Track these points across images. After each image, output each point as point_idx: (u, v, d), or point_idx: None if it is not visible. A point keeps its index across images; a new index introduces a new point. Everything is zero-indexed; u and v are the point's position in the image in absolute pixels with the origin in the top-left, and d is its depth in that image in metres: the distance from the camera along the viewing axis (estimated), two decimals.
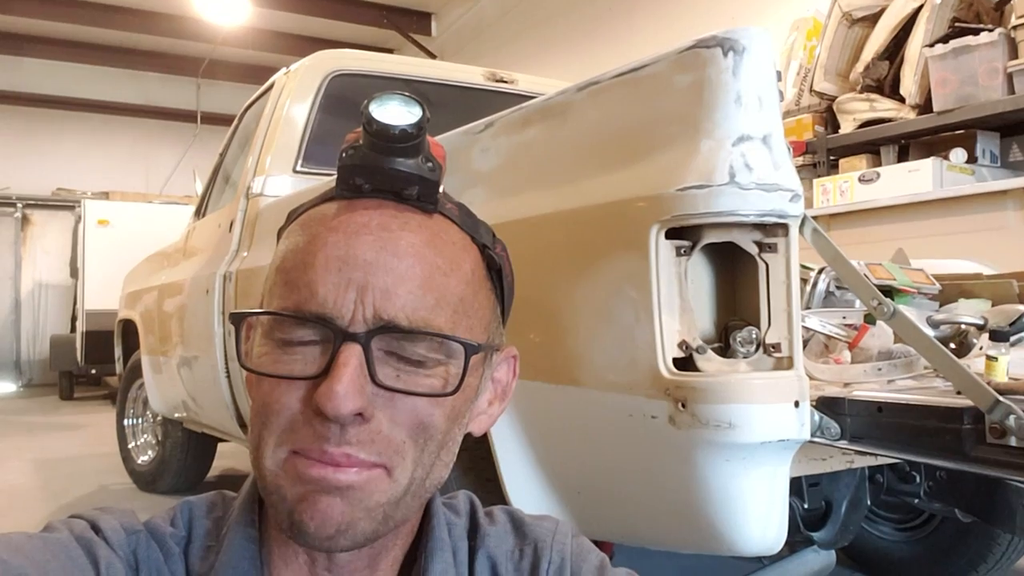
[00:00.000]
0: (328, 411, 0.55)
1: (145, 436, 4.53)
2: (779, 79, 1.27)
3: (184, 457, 4.12)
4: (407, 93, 0.60)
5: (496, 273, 0.67)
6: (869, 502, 1.62)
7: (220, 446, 4.17)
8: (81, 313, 8.25)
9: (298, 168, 2.95)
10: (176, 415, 3.82)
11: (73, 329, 9.13)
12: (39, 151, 10.85)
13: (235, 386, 2.92)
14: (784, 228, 1.21)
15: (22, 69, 10.42)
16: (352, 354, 0.57)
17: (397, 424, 0.59)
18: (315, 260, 0.59)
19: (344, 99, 3.08)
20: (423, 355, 0.60)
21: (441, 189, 0.64)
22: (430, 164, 0.61)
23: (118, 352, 4.84)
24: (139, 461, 4.45)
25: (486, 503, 0.76)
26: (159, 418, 4.26)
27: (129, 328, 4.52)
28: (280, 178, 2.95)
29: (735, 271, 1.27)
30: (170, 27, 9.43)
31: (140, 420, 4.56)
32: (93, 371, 8.43)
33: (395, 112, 0.59)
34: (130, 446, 4.53)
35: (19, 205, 10.47)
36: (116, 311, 4.84)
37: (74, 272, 8.86)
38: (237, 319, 0.62)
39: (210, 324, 2.98)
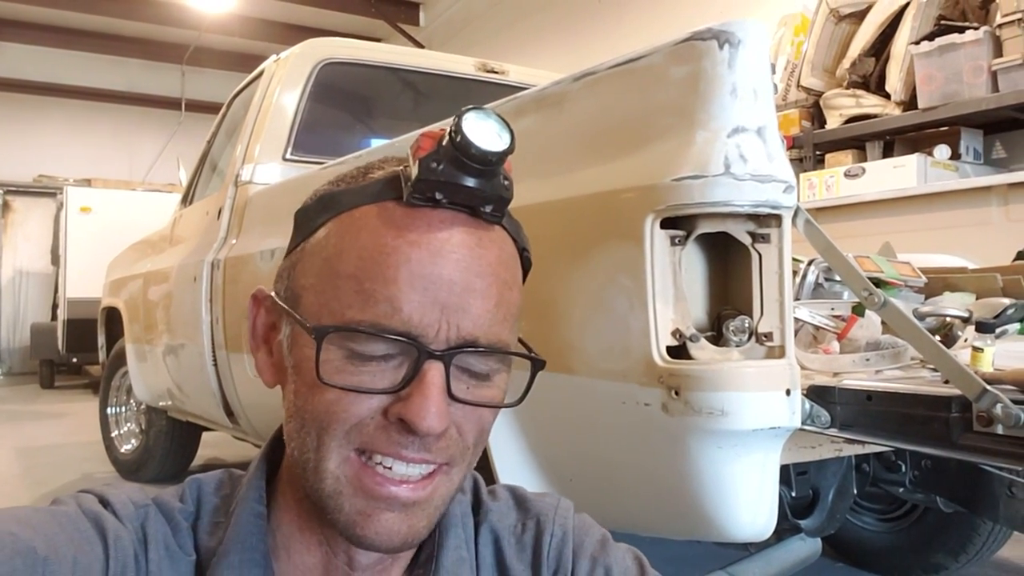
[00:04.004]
0: (422, 430, 0.57)
1: (128, 425, 4.51)
2: (773, 72, 1.28)
3: (168, 446, 4.10)
4: (497, 113, 0.60)
5: (525, 272, 0.69)
6: (855, 491, 1.64)
7: (204, 435, 4.16)
8: (62, 301, 8.18)
9: (288, 156, 2.95)
10: (161, 403, 3.80)
11: (54, 317, 9.06)
12: (21, 137, 10.74)
13: (222, 374, 2.92)
14: (777, 219, 1.23)
15: (4, 54, 10.30)
16: (438, 373, 0.58)
17: (464, 431, 0.62)
18: (398, 276, 0.58)
19: (335, 87, 3.08)
20: (491, 368, 0.62)
21: None
22: (507, 182, 0.62)
23: (101, 340, 4.81)
24: (122, 450, 4.43)
25: None
26: (143, 407, 4.24)
27: (113, 316, 4.50)
28: (269, 166, 2.94)
29: (728, 261, 1.29)
30: (155, 13, 9.35)
31: (123, 408, 4.53)
32: (74, 359, 8.35)
33: (489, 135, 0.59)
34: (113, 435, 4.51)
35: (0, 192, 10.37)
36: (98, 299, 4.80)
37: (55, 259, 8.78)
38: (321, 334, 0.59)
39: (197, 312, 2.97)
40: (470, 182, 0.59)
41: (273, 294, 0.67)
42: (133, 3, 9.27)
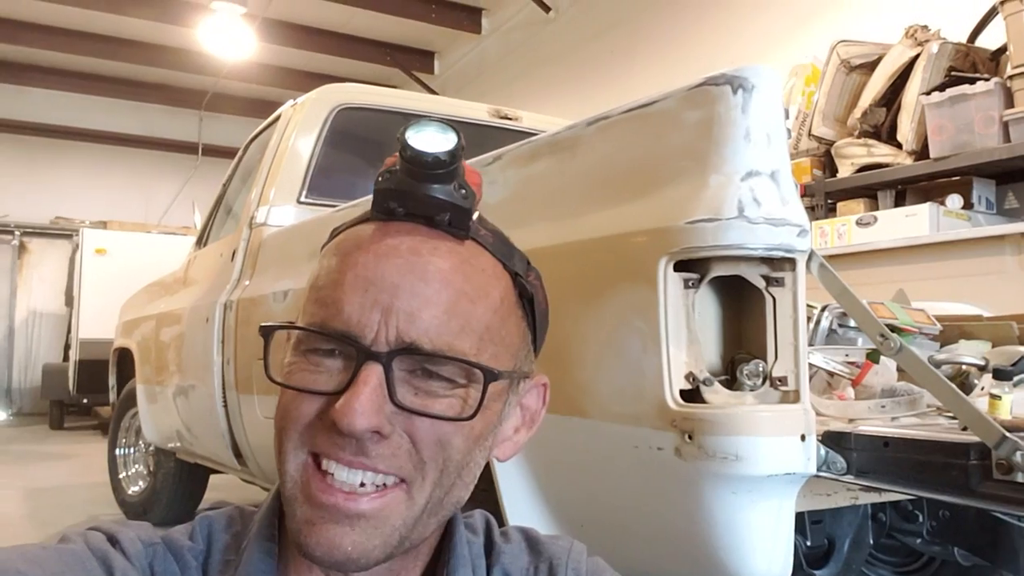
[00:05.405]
0: (343, 427, 0.57)
1: (137, 466, 4.49)
2: (787, 117, 1.29)
3: (176, 488, 4.09)
4: (444, 121, 0.61)
5: (528, 301, 0.68)
6: (872, 541, 1.61)
7: (212, 478, 4.14)
8: (75, 342, 8.21)
9: (302, 199, 2.97)
10: (170, 445, 3.79)
11: (66, 358, 9.09)
12: (40, 180, 10.88)
13: (232, 415, 2.91)
14: (791, 263, 1.22)
15: (26, 98, 10.49)
16: (372, 373, 0.58)
17: (416, 443, 0.60)
18: (344, 279, 0.61)
19: (350, 132, 3.11)
20: (445, 378, 0.61)
21: (476, 215, 0.65)
22: (463, 191, 0.62)
23: (112, 381, 4.81)
24: (130, 492, 4.41)
25: None
26: (151, 448, 4.23)
27: (124, 357, 4.51)
28: (284, 208, 2.97)
29: (742, 304, 1.28)
30: (175, 60, 9.52)
31: (132, 450, 4.52)
32: (84, 400, 8.36)
33: (430, 139, 0.60)
34: (121, 476, 4.49)
35: (17, 233, 10.49)
36: (110, 340, 4.82)
37: (69, 300, 8.84)
38: (266, 332, 0.64)
39: (209, 353, 2.97)
40: (418, 188, 0.61)
41: None
42: (155, 50, 9.45)
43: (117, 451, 4.53)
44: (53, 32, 8.99)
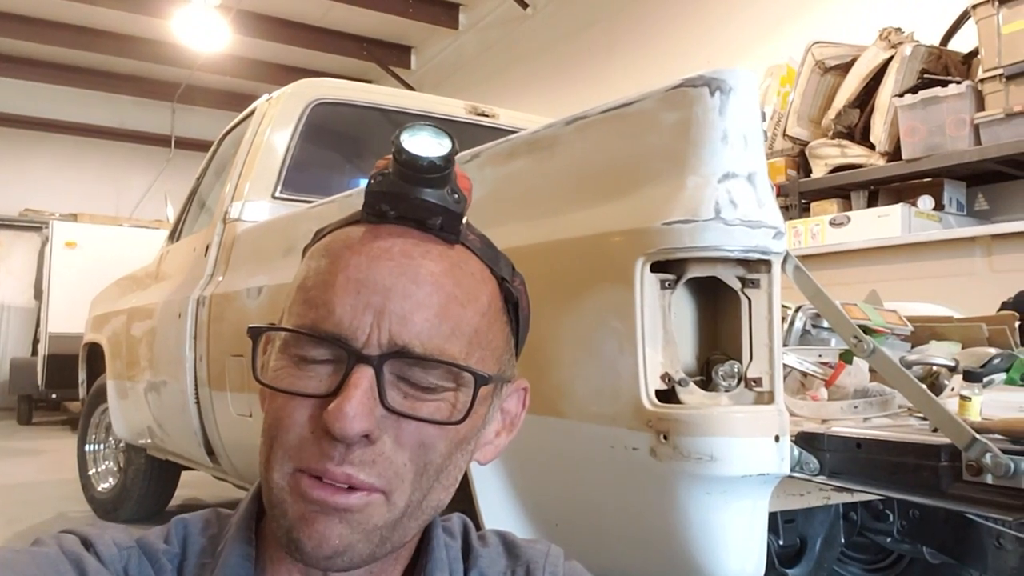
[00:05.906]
0: (336, 431, 0.56)
1: (107, 463, 4.43)
2: (764, 120, 1.30)
3: (146, 485, 4.04)
4: (438, 126, 0.61)
5: (512, 306, 0.68)
6: (843, 540, 1.63)
7: (183, 475, 4.10)
8: (44, 336, 8.10)
9: (277, 194, 2.95)
10: (140, 441, 3.75)
11: (34, 352, 8.95)
12: (9, 171, 10.70)
13: (204, 412, 2.88)
14: (767, 264, 1.23)
15: None
16: (364, 376, 0.58)
17: (400, 446, 0.59)
18: (335, 281, 0.60)
19: (326, 128, 3.09)
20: (434, 382, 0.61)
21: (465, 220, 0.65)
22: (456, 196, 0.62)
23: (82, 376, 4.75)
24: (99, 488, 4.35)
25: None
26: (121, 444, 4.18)
27: (95, 352, 4.45)
28: (258, 203, 2.94)
29: (718, 305, 1.29)
30: (148, 51, 9.41)
31: (102, 446, 4.46)
32: (53, 396, 8.25)
33: (425, 143, 0.60)
34: (90, 473, 4.43)
35: None
36: (80, 334, 4.75)
37: (38, 294, 8.71)
38: (255, 333, 0.63)
39: (181, 349, 2.94)
40: (411, 192, 0.61)
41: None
42: (127, 41, 9.32)
43: (87, 447, 4.47)
44: (24, 22, 8.85)
